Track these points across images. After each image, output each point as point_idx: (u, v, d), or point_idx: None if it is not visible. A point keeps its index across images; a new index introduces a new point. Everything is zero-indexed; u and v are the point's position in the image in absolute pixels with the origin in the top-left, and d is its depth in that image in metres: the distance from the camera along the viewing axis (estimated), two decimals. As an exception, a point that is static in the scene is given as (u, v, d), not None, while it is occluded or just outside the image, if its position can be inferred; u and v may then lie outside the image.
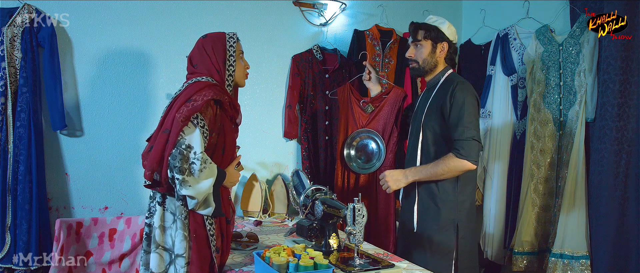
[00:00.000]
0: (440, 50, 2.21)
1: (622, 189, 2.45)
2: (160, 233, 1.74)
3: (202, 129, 1.69)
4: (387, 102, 2.64)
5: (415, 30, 2.24)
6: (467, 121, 2.05)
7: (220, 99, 1.75)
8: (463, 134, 2.05)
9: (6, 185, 2.32)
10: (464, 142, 2.04)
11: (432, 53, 2.21)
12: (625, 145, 2.44)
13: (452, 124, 2.09)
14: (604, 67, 2.48)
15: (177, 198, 1.72)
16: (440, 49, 2.21)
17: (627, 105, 2.44)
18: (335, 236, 2.05)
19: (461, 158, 2.04)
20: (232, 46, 1.86)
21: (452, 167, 2.07)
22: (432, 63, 2.22)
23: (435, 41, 2.20)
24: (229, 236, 1.90)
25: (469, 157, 2.04)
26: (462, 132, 2.05)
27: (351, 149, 2.74)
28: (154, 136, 1.75)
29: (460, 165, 2.06)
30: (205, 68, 1.83)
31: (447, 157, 2.08)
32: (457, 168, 2.07)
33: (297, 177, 2.34)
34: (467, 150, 2.04)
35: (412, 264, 1.97)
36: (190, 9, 2.74)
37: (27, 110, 2.34)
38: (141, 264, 1.78)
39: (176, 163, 1.62)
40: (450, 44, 2.22)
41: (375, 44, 3.16)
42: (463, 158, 2.04)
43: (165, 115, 1.74)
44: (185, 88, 1.78)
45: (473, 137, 2.05)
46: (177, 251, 1.72)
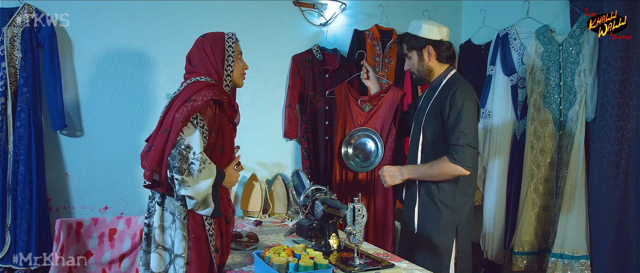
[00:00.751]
0: (428, 55, 2.20)
1: (622, 189, 2.45)
2: (159, 233, 1.74)
3: (201, 129, 1.69)
4: (384, 100, 2.64)
5: (400, 45, 2.28)
6: (464, 127, 2.06)
7: (219, 98, 1.75)
8: (459, 140, 2.05)
9: (6, 185, 2.32)
10: (459, 147, 2.05)
11: (420, 61, 2.21)
12: (625, 145, 2.44)
13: (449, 128, 2.09)
14: (604, 67, 2.48)
15: (177, 199, 1.72)
16: (427, 53, 2.19)
17: (627, 105, 2.44)
18: (335, 236, 2.05)
19: (455, 163, 2.06)
20: (231, 46, 1.86)
21: (445, 170, 2.09)
22: (425, 70, 2.22)
23: (419, 49, 2.20)
24: (229, 236, 1.91)
25: (462, 163, 2.05)
26: (458, 137, 2.06)
27: (349, 147, 2.74)
28: (153, 136, 1.75)
29: (454, 169, 2.07)
30: (203, 68, 1.83)
31: (441, 160, 2.09)
32: (450, 173, 2.09)
33: (297, 177, 2.34)
34: (461, 155, 2.05)
35: (412, 264, 1.98)
36: (190, 9, 2.74)
37: (27, 110, 2.34)
38: (141, 264, 1.78)
39: (175, 163, 1.62)
40: (436, 44, 2.19)
41: (375, 44, 3.16)
42: (457, 163, 2.05)
43: (164, 115, 1.74)
44: (184, 88, 1.78)
45: (468, 143, 2.05)
46: (176, 251, 1.72)
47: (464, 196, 2.17)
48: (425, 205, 2.20)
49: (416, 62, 2.23)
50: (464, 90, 2.12)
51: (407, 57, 2.26)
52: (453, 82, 2.19)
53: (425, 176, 2.16)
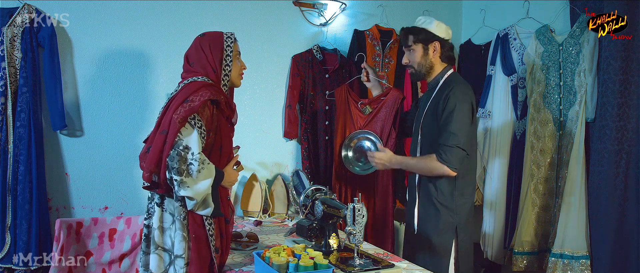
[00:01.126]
0: (433, 51, 2.20)
1: (622, 189, 2.45)
2: (159, 234, 1.74)
3: (199, 129, 1.69)
4: (384, 103, 2.64)
5: (405, 36, 2.25)
6: (455, 128, 2.06)
7: (217, 99, 1.75)
8: (448, 140, 2.06)
9: (6, 185, 2.32)
10: (447, 148, 2.06)
11: (424, 55, 2.21)
12: (625, 145, 2.44)
13: (441, 127, 2.10)
14: (604, 67, 2.48)
15: (176, 199, 1.72)
16: (433, 49, 2.20)
17: (627, 105, 2.44)
18: (335, 236, 2.06)
19: (442, 163, 2.06)
20: (230, 46, 1.86)
21: (431, 167, 2.10)
22: (427, 65, 2.22)
23: (426, 42, 2.20)
24: (229, 236, 1.91)
25: (449, 163, 2.06)
26: (448, 138, 2.06)
27: (349, 151, 2.73)
28: (151, 137, 1.74)
29: (440, 168, 2.07)
30: (201, 67, 1.82)
31: (430, 157, 2.11)
32: (436, 171, 2.10)
33: (297, 177, 2.34)
34: (449, 156, 2.05)
35: (412, 264, 1.98)
36: (190, 9, 2.74)
37: (27, 110, 2.34)
38: (140, 265, 1.78)
39: (174, 164, 1.62)
40: (442, 42, 2.20)
41: (375, 44, 3.16)
42: (443, 163, 2.06)
43: (162, 116, 1.74)
44: (181, 88, 1.78)
45: (457, 144, 2.05)
46: (176, 252, 1.72)
47: (462, 196, 2.17)
48: (425, 206, 2.20)
49: (419, 56, 2.21)
50: (459, 90, 2.11)
51: (409, 50, 2.24)
52: (449, 82, 2.19)
53: (413, 169, 2.22)
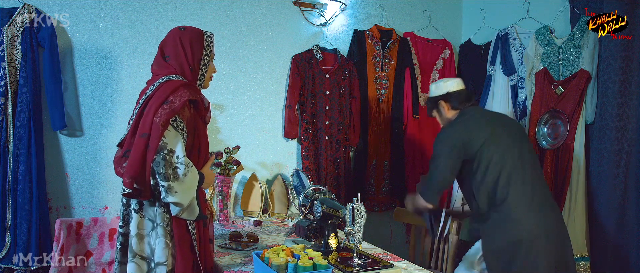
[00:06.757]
0: (443, 108, 2.32)
1: (622, 189, 2.45)
2: (137, 242, 1.66)
3: (181, 131, 1.63)
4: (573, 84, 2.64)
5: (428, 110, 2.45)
6: (433, 165, 2.18)
7: (196, 99, 1.71)
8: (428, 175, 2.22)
9: (6, 185, 2.33)
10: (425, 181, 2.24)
11: (440, 117, 2.36)
12: (625, 145, 2.44)
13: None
14: (604, 67, 2.48)
15: (159, 205, 1.65)
16: (443, 107, 2.32)
17: (627, 105, 2.43)
18: (334, 236, 2.06)
19: (418, 192, 2.24)
20: (209, 46, 1.80)
21: (416, 197, 2.26)
22: (446, 119, 2.34)
23: (437, 106, 2.35)
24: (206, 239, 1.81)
25: (423, 195, 2.21)
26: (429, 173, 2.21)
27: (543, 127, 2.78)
28: (128, 140, 1.65)
29: (418, 197, 2.24)
30: (178, 63, 1.74)
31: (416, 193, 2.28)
32: (417, 200, 2.24)
33: (297, 177, 2.34)
34: (423, 189, 2.21)
35: (412, 264, 1.98)
36: (190, 9, 2.74)
37: (27, 110, 2.35)
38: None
39: (160, 169, 1.56)
40: (444, 97, 2.30)
41: (375, 44, 3.16)
42: (419, 192, 2.23)
43: (138, 118, 1.64)
44: (158, 88, 1.68)
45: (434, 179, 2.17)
46: (157, 259, 1.65)
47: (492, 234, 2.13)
48: None
49: (439, 117, 2.38)
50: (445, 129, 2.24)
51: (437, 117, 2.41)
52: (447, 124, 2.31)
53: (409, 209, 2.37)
